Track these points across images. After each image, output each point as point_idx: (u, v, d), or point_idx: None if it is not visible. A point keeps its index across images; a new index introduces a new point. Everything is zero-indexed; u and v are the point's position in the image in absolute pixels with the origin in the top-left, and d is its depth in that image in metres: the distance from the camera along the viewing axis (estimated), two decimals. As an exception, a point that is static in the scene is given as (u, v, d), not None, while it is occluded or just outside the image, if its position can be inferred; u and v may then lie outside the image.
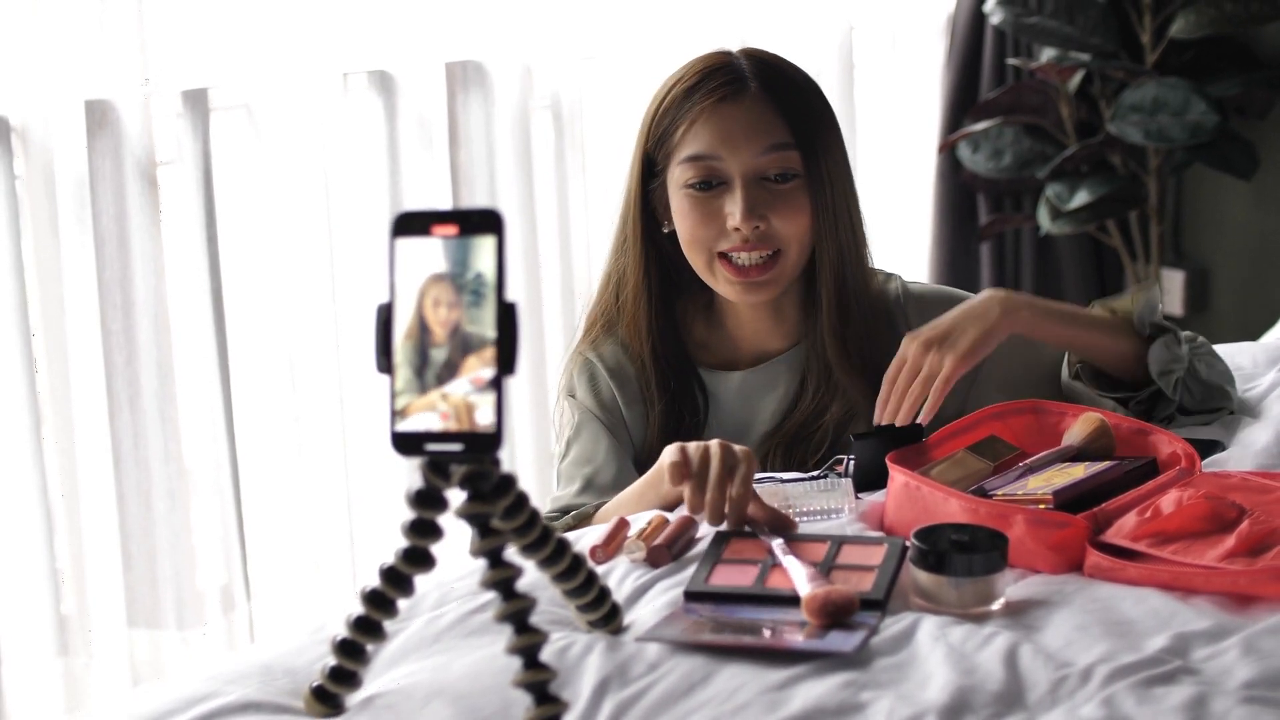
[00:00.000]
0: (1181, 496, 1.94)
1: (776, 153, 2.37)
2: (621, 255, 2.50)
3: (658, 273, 2.48)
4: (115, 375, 3.30)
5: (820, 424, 2.43)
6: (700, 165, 2.38)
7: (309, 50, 3.53)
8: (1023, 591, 1.86)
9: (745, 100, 2.38)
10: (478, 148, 3.81)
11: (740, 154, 2.36)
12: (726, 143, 2.37)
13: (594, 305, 2.56)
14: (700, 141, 2.38)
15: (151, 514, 3.37)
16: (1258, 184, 4.61)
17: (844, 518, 2.08)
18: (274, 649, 1.84)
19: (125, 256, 3.28)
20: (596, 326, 2.54)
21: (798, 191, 2.38)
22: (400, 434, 1.54)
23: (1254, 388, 2.55)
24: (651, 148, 2.44)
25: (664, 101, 2.43)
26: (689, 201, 2.39)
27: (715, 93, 2.38)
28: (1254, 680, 1.62)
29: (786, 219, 2.37)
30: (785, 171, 2.37)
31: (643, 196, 2.47)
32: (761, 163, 2.37)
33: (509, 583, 1.57)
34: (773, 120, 2.37)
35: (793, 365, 2.48)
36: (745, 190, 2.35)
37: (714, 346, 2.52)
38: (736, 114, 2.37)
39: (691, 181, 2.38)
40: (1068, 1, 4.39)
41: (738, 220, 2.35)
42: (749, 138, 2.36)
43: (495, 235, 1.51)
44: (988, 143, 4.53)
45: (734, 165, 2.36)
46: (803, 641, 1.74)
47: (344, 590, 3.66)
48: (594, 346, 2.53)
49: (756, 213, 2.35)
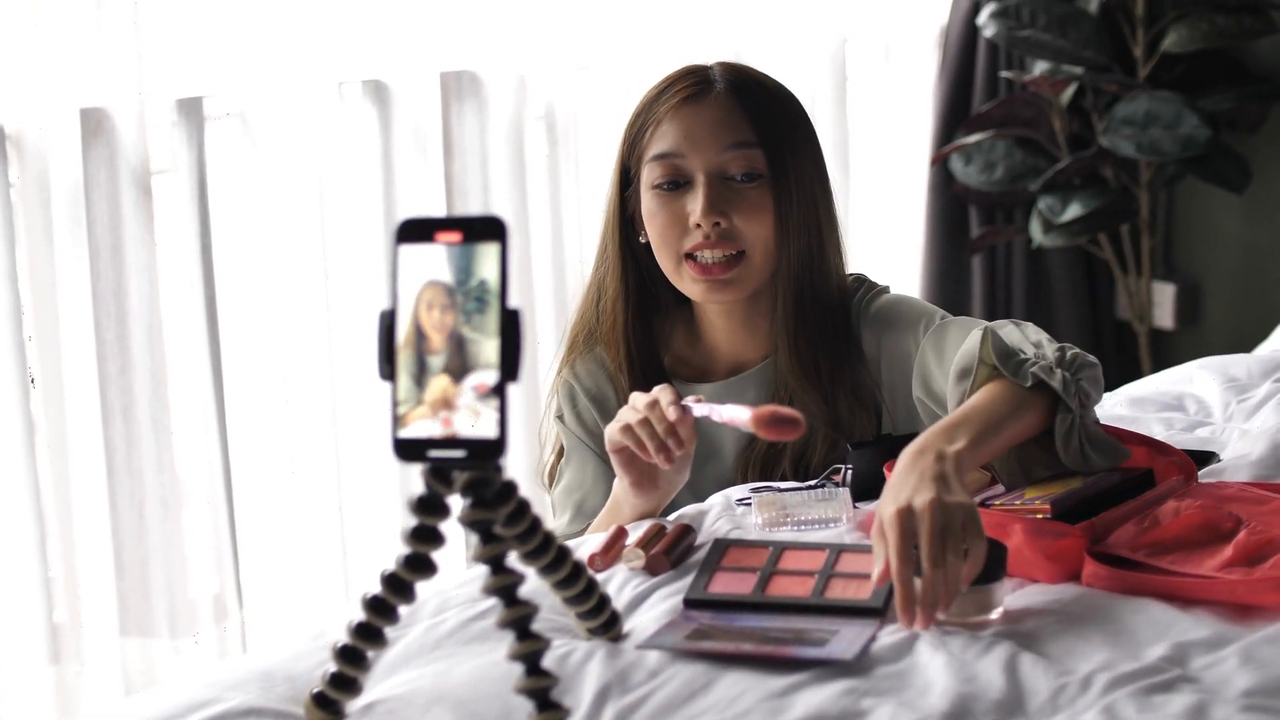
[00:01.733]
0: (1179, 507, 1.95)
1: (739, 150, 2.38)
2: (602, 265, 2.52)
3: (635, 282, 2.49)
4: (109, 384, 3.30)
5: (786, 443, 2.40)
6: (665, 164, 2.39)
7: (304, 59, 3.52)
8: (1021, 601, 1.86)
9: (709, 98, 2.40)
10: (472, 158, 3.81)
11: (703, 151, 2.37)
12: (689, 139, 2.38)
13: (575, 319, 2.56)
14: (666, 140, 2.40)
15: (144, 522, 3.36)
16: (1249, 197, 4.62)
17: (842, 527, 2.09)
18: (274, 655, 1.84)
19: (119, 265, 3.28)
20: (578, 342, 2.54)
21: (761, 192, 2.38)
22: (402, 440, 1.54)
23: (1249, 399, 2.56)
24: (626, 155, 2.47)
25: (636, 109, 2.46)
26: (656, 202, 2.41)
27: (681, 92, 2.40)
28: (1253, 689, 1.63)
29: (748, 219, 2.37)
30: (749, 171, 2.38)
31: (620, 205, 2.48)
32: (724, 160, 2.38)
33: (511, 589, 1.57)
34: (737, 119, 2.39)
35: (763, 378, 2.47)
36: (707, 187, 2.36)
37: (692, 360, 2.52)
38: (700, 111, 2.39)
39: (658, 181, 2.40)
40: (1060, 15, 4.40)
41: (698, 216, 2.35)
42: (712, 134, 2.38)
43: (499, 242, 1.52)
44: (980, 155, 4.54)
45: (697, 162, 2.38)
46: (803, 650, 1.74)
47: (337, 598, 3.66)
48: (573, 367, 2.54)
49: (717, 209, 2.36)
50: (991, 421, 2.01)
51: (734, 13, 4.22)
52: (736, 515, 2.15)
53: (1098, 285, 4.88)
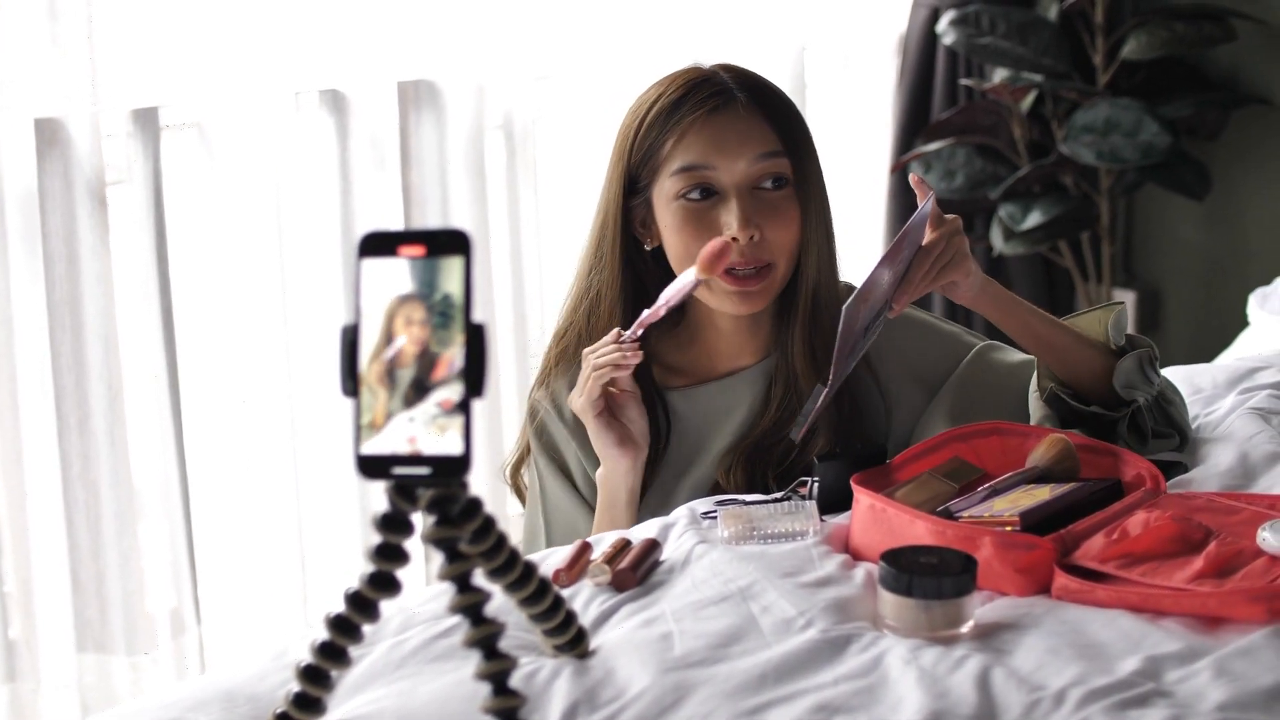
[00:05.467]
0: (1149, 518, 1.93)
1: (769, 160, 2.37)
2: (596, 274, 2.48)
3: (633, 290, 2.47)
4: (64, 396, 3.26)
5: (782, 438, 2.42)
6: (693, 175, 2.37)
7: (260, 69, 3.50)
8: (992, 614, 1.85)
9: (736, 109, 2.37)
10: (430, 167, 3.79)
11: (734, 163, 2.36)
12: (720, 152, 2.36)
13: (563, 327, 2.53)
14: (692, 152, 2.36)
15: (100, 537, 3.33)
16: (1209, 205, 4.63)
17: (809, 540, 2.07)
18: (237, 675, 1.81)
19: (74, 277, 3.24)
20: (568, 352, 2.51)
21: (789, 200, 2.38)
22: (366, 457, 1.51)
23: (1215, 410, 2.55)
24: (635, 164, 2.42)
25: (647, 117, 2.41)
26: (683, 214, 2.38)
27: (705, 103, 2.37)
28: (1227, 703, 1.62)
29: (779, 228, 2.36)
30: (779, 177, 2.37)
31: (622, 214, 2.45)
32: (755, 170, 2.36)
33: (477, 607, 1.55)
34: (763, 128, 2.37)
35: (758, 378, 2.47)
36: (740, 199, 2.35)
37: (681, 367, 2.51)
38: (728, 123, 2.37)
39: (684, 192, 2.37)
40: (1020, 23, 4.40)
41: (735, 230, 2.33)
42: (742, 146, 2.36)
43: (463, 256, 1.49)
44: (940, 163, 4.54)
45: (727, 174, 2.36)
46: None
47: (295, 613, 3.63)
48: (547, 389, 2.53)
49: (753, 222, 2.34)
50: (1050, 318, 2.37)
51: (693, 21, 4.21)
52: (703, 528, 2.13)
53: (1058, 292, 4.88)
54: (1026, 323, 2.34)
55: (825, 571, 1.97)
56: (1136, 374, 2.34)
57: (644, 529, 2.16)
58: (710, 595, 1.91)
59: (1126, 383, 2.32)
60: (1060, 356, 2.35)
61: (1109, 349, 2.36)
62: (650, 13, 4.14)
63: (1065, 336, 2.35)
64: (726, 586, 1.93)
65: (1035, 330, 2.35)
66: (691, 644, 1.79)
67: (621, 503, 2.36)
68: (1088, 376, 2.35)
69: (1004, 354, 2.48)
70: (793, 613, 1.85)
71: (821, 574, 1.96)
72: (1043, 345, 2.36)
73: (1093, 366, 2.34)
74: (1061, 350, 2.35)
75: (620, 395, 2.35)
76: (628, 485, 2.36)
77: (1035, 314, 2.36)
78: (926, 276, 2.23)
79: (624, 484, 2.36)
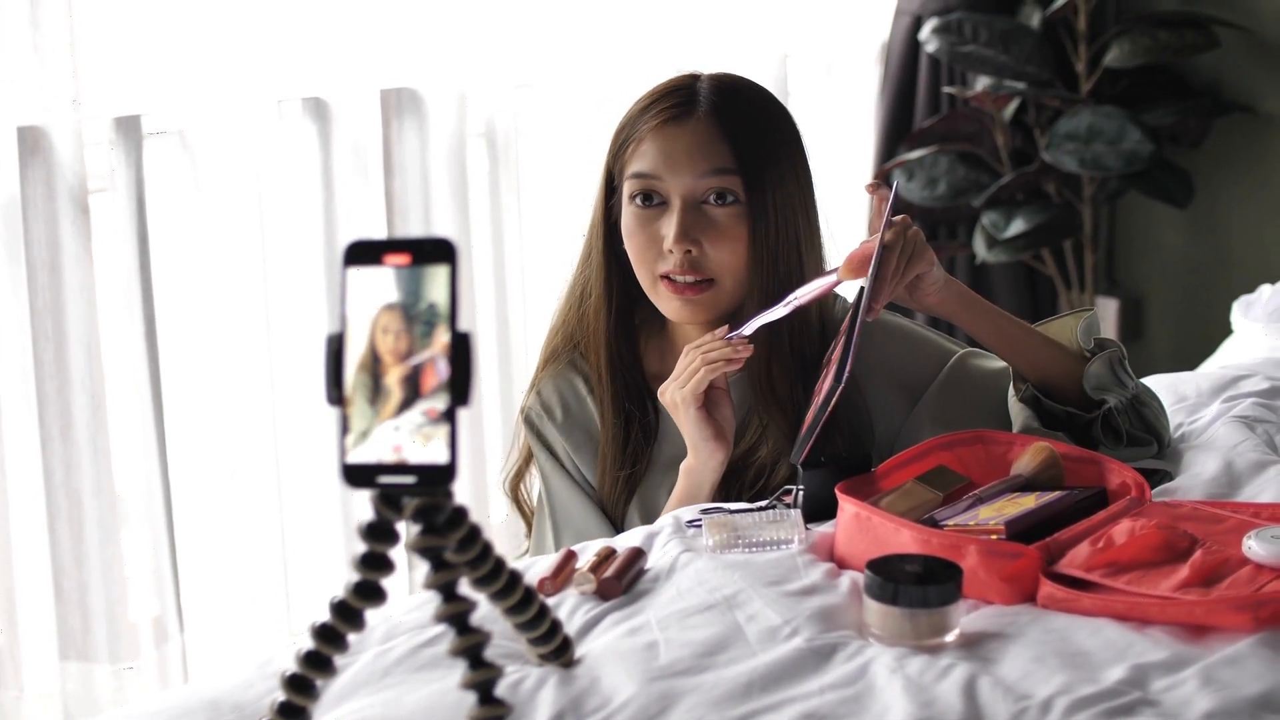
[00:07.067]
0: (1134, 526, 1.93)
1: (716, 177, 2.37)
2: (586, 266, 2.52)
3: (619, 284, 2.49)
4: (47, 405, 3.26)
5: (755, 458, 2.43)
6: (643, 182, 2.40)
7: (243, 77, 3.50)
8: (977, 623, 1.84)
9: (690, 123, 2.38)
10: (412, 175, 3.79)
11: (680, 176, 2.37)
12: (667, 163, 2.38)
13: (556, 325, 2.57)
14: (645, 160, 2.39)
15: (83, 545, 3.32)
16: (1191, 212, 4.64)
17: (794, 548, 2.07)
18: (221, 684, 1.81)
19: (57, 285, 3.24)
20: (559, 351, 2.55)
21: (735, 218, 2.37)
22: (351, 466, 1.51)
23: (1199, 419, 2.55)
24: (611, 162, 2.46)
25: (624, 118, 2.45)
26: (633, 219, 2.41)
27: (664, 113, 2.39)
28: (1214, 711, 1.61)
29: (720, 246, 2.37)
30: (724, 193, 2.37)
31: (606, 212, 2.48)
32: (700, 185, 2.37)
33: (463, 617, 1.54)
34: (717, 144, 2.37)
35: (736, 397, 2.46)
36: (681, 213, 2.37)
37: (664, 376, 2.51)
38: (680, 135, 2.38)
39: (635, 196, 2.41)
40: (1002, 30, 4.40)
41: (670, 242, 2.36)
42: (690, 160, 2.37)
43: (449, 265, 1.49)
44: (923, 171, 4.54)
45: (673, 186, 2.37)
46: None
47: (279, 622, 3.62)
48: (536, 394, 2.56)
49: (689, 236, 2.36)
50: (1016, 323, 2.37)
51: (676, 30, 4.21)
52: (687, 537, 2.12)
53: (1041, 300, 4.89)
54: (996, 324, 2.36)
55: (810, 580, 1.97)
56: (1108, 376, 2.35)
57: (628, 537, 2.16)
58: (695, 604, 1.91)
59: (1097, 384, 2.33)
60: (1030, 358, 2.36)
61: (1081, 353, 2.36)
62: (633, 21, 4.14)
63: (1034, 337, 2.37)
64: (711, 595, 1.92)
65: (1005, 331, 2.36)
66: (677, 653, 1.79)
67: (704, 496, 2.37)
68: (1059, 378, 2.36)
69: (985, 360, 2.48)
70: (778, 621, 1.85)
71: (807, 582, 1.96)
72: (1014, 347, 2.37)
73: (1064, 368, 2.35)
74: (1031, 351, 2.36)
75: (717, 392, 2.35)
76: (713, 479, 2.36)
77: (1004, 316, 2.37)
78: (897, 271, 2.25)
79: (710, 478, 2.36)
